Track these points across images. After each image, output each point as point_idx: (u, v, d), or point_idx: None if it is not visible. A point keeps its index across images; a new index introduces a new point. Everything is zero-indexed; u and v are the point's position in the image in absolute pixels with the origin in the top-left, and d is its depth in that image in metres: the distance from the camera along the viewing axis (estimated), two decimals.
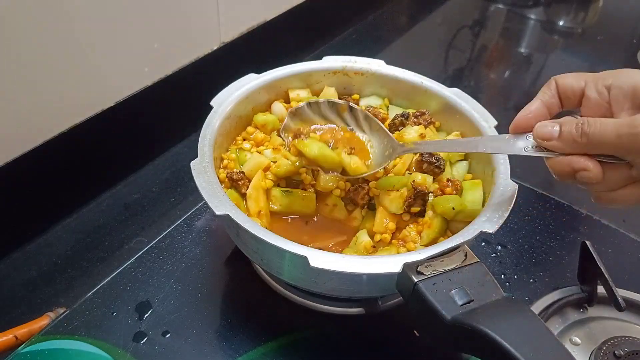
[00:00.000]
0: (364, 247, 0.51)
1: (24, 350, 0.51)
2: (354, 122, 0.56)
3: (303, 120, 0.55)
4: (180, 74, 0.80)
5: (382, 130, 0.54)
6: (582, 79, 0.41)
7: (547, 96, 0.43)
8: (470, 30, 1.30)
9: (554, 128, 0.40)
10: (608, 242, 0.68)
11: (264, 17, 0.93)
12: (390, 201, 0.53)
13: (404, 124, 0.61)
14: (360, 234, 0.53)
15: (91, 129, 0.69)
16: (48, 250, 0.68)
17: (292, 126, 0.55)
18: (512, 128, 0.44)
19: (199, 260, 0.62)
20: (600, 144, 0.37)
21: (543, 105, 0.43)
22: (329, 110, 0.55)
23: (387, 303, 0.58)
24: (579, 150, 0.39)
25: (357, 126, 0.56)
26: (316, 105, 0.55)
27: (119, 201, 0.75)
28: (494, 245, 0.67)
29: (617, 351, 0.52)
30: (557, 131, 0.40)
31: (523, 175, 0.76)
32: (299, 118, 0.55)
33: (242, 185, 0.54)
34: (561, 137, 0.39)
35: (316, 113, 0.55)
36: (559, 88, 0.43)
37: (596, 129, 0.37)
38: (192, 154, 0.50)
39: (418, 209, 0.52)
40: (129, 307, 0.56)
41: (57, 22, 0.59)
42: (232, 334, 0.55)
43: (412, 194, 0.52)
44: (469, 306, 0.39)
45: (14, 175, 0.62)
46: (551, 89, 0.43)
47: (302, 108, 0.55)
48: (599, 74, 0.41)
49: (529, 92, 1.07)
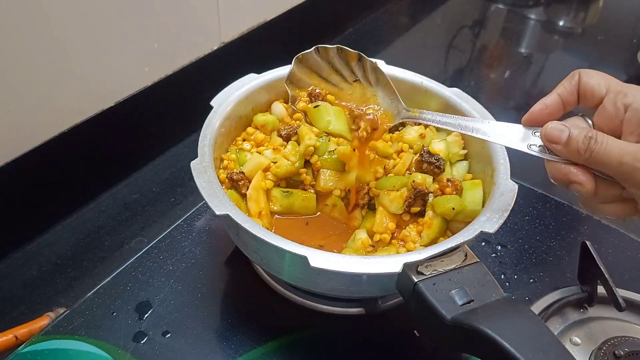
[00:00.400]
0: (362, 244, 0.51)
1: (24, 350, 0.51)
2: (361, 73, 0.55)
3: (309, 68, 0.55)
4: (181, 74, 0.80)
5: (389, 85, 0.54)
6: (605, 86, 0.41)
7: (567, 91, 0.43)
8: (470, 30, 1.30)
9: (563, 133, 0.40)
10: (608, 242, 0.68)
11: (264, 17, 0.93)
12: (390, 201, 0.53)
13: (404, 124, 0.61)
14: (358, 232, 0.53)
15: (91, 129, 0.69)
16: (48, 250, 0.68)
17: (298, 74, 0.54)
18: (525, 120, 0.44)
19: (199, 260, 0.62)
20: (601, 164, 0.38)
21: (559, 99, 0.43)
22: (337, 58, 0.54)
23: (387, 303, 0.58)
24: (580, 162, 0.39)
25: (364, 78, 0.55)
26: (325, 52, 0.54)
27: (119, 201, 0.75)
28: (494, 245, 0.67)
29: (617, 351, 0.52)
30: (565, 137, 0.40)
31: (523, 175, 0.75)
32: (305, 65, 0.55)
33: (242, 185, 0.54)
34: (567, 144, 0.39)
35: (324, 60, 0.55)
36: (581, 85, 0.42)
37: (601, 149, 0.38)
38: (192, 154, 0.50)
39: (418, 209, 0.52)
40: (129, 307, 0.56)
41: (56, 22, 0.59)
42: (232, 334, 0.55)
43: (412, 194, 0.52)
44: (469, 306, 0.39)
45: (14, 175, 0.62)
46: (572, 84, 0.42)
47: (310, 54, 0.54)
48: (623, 87, 0.40)
49: (529, 92, 1.07)
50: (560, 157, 0.41)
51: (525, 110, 0.44)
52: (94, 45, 0.65)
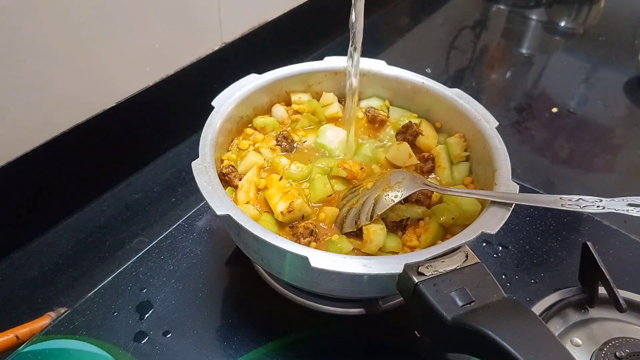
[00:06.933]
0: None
1: (25, 350, 0.51)
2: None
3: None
4: (182, 74, 0.80)
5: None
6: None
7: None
8: (471, 30, 1.30)
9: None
10: (609, 243, 0.68)
11: (265, 17, 0.93)
12: (373, 234, 0.50)
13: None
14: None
15: (93, 129, 0.69)
16: (49, 250, 0.68)
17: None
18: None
19: (200, 260, 0.62)
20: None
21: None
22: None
23: (388, 303, 0.58)
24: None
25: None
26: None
27: (120, 201, 0.76)
28: (495, 246, 0.67)
29: (618, 352, 0.52)
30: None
31: (524, 175, 0.76)
32: None
33: (233, 177, 0.54)
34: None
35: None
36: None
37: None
38: (194, 154, 0.50)
39: (404, 229, 0.52)
40: (129, 307, 0.56)
41: (57, 23, 0.59)
42: (233, 334, 0.55)
43: (391, 224, 0.52)
44: (469, 307, 0.39)
45: (15, 175, 0.62)
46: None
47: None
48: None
49: (531, 93, 1.07)
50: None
51: (526, 111, 0.44)
52: (96, 45, 0.65)
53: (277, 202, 0.52)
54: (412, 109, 0.66)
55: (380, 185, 0.52)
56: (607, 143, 0.95)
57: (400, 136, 0.62)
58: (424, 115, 0.65)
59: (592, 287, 0.58)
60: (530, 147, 0.91)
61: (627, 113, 1.04)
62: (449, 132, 0.62)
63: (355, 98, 0.58)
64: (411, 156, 0.58)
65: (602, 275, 0.55)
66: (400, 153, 0.58)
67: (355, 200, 0.52)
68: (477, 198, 0.52)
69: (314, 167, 0.57)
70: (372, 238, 0.49)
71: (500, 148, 0.54)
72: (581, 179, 0.85)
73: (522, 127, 0.94)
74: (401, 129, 0.62)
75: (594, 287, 0.58)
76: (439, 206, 0.53)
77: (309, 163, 0.58)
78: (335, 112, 0.65)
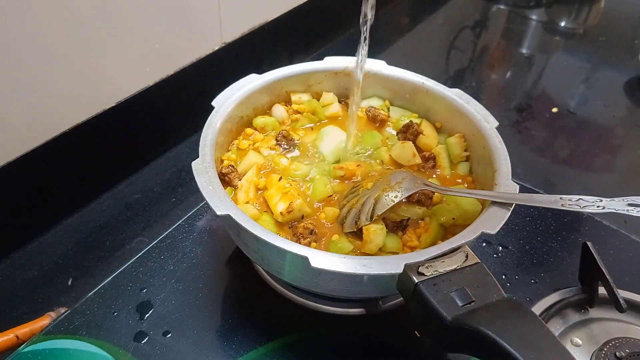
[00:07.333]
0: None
1: (25, 350, 0.51)
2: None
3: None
4: (182, 74, 0.80)
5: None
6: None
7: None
8: (471, 30, 1.30)
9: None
10: (609, 243, 0.68)
11: (265, 17, 0.93)
12: (373, 234, 0.51)
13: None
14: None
15: (93, 129, 0.69)
16: (49, 250, 0.68)
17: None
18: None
19: (200, 260, 0.62)
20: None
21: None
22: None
23: (388, 303, 0.58)
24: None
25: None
26: None
27: (120, 201, 0.76)
28: (495, 246, 0.67)
29: (618, 352, 0.52)
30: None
31: (524, 175, 0.76)
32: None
33: (233, 177, 0.54)
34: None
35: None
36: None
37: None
38: (194, 154, 0.50)
39: (404, 229, 0.52)
40: (129, 307, 0.56)
41: (57, 23, 0.59)
42: (233, 334, 0.55)
43: (391, 225, 0.52)
44: (469, 307, 0.39)
45: (15, 175, 0.62)
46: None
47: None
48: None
49: (531, 93, 1.07)
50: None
51: (526, 111, 0.44)
52: (96, 45, 0.65)
53: (276, 203, 0.52)
54: (412, 109, 0.66)
55: (380, 186, 0.52)
56: (607, 143, 0.95)
57: (401, 135, 0.62)
58: (424, 116, 0.65)
59: (592, 287, 0.58)
60: (530, 147, 0.91)
61: (627, 113, 1.04)
62: (449, 132, 0.62)
63: (358, 92, 0.59)
64: (415, 155, 0.58)
65: (602, 275, 0.55)
66: (405, 152, 0.58)
67: (356, 201, 0.52)
68: (477, 198, 0.52)
69: (314, 167, 0.57)
70: (372, 238, 0.49)
71: (500, 148, 0.54)
72: (581, 179, 0.85)
73: (522, 127, 0.94)
74: (402, 129, 0.62)
75: (594, 287, 0.58)
76: (439, 206, 0.53)
77: (309, 163, 0.58)
78: (336, 112, 0.65)
